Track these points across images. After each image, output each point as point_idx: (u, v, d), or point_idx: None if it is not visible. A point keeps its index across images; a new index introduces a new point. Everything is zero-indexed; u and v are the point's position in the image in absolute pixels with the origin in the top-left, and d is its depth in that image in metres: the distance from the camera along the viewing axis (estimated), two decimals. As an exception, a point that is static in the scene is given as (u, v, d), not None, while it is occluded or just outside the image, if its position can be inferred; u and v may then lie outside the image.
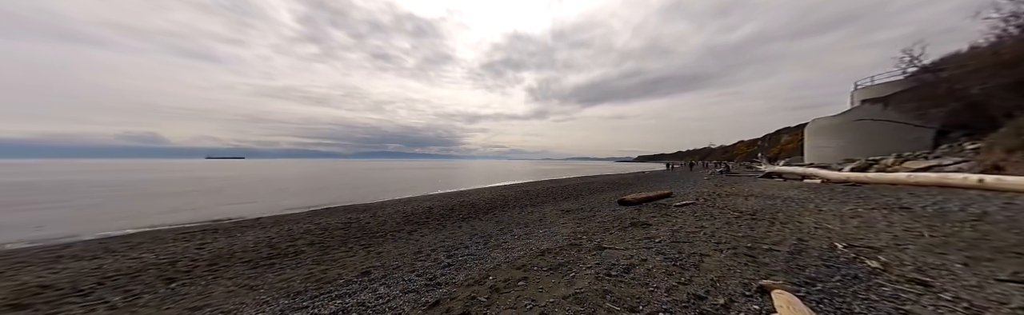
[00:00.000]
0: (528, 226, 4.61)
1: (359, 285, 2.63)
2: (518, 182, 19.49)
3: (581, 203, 7.11)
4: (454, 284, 2.32)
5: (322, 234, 5.32)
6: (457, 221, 5.96)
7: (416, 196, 11.98)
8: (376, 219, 6.53)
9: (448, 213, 6.93)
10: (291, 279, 3.08)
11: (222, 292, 2.92)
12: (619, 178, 17.81)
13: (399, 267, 3.06)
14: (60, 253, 4.77)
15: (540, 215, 5.66)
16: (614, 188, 11.22)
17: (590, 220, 4.61)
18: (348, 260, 3.67)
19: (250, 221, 7.34)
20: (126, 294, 3.02)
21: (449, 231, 4.97)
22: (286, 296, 2.56)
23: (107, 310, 2.66)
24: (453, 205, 8.11)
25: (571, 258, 2.71)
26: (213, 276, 3.42)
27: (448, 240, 4.18)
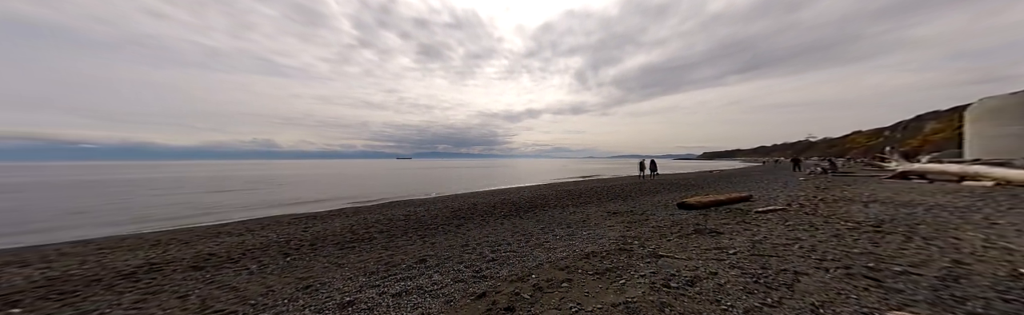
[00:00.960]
0: (570, 227, 4.47)
1: (417, 271, 2.93)
2: (559, 181, 18.96)
3: (630, 205, 6.57)
4: (498, 278, 2.42)
5: (388, 224, 6.03)
6: (499, 218, 6.08)
7: (461, 193, 12.64)
8: (429, 213, 7.08)
9: (491, 210, 7.10)
10: (366, 261, 3.61)
11: (320, 266, 3.58)
12: (677, 178, 15.61)
13: (449, 258, 3.30)
14: (220, 230, 6.27)
15: (583, 216, 5.40)
16: (671, 189, 9.97)
17: (642, 224, 4.30)
18: (408, 248, 4.10)
19: (337, 211, 8.63)
20: (260, 263, 3.88)
21: (492, 227, 5.12)
22: (364, 274, 3.05)
23: (248, 275, 3.46)
24: (495, 202, 8.28)
25: (620, 264, 2.56)
26: (313, 254, 4.19)
27: (491, 236, 4.33)
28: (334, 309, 2.19)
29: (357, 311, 2.11)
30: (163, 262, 4.13)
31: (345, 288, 2.66)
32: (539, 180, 21.12)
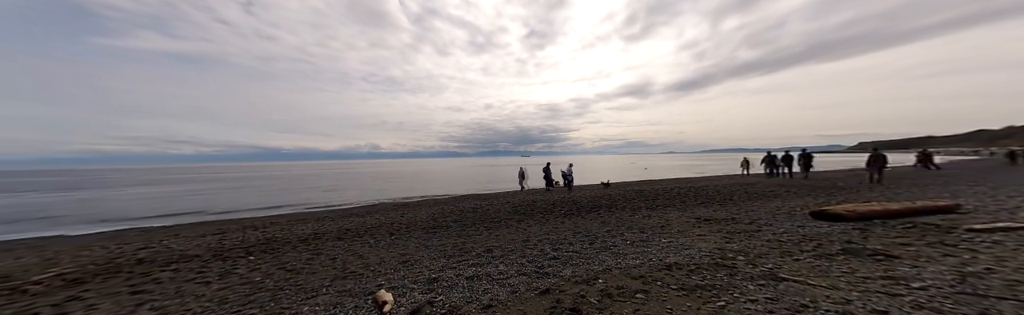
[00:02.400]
0: (644, 232, 3.94)
1: (485, 259, 3.24)
2: (627, 180, 16.77)
3: (730, 211, 5.16)
4: (561, 278, 2.36)
5: (460, 215, 6.72)
6: (559, 217, 5.91)
7: (519, 190, 12.82)
8: (492, 207, 7.49)
9: (550, 208, 6.97)
10: (445, 245, 4.18)
11: (413, 246, 4.31)
12: (814, 178, 10.88)
13: (513, 251, 3.46)
14: (350, 212, 8.03)
15: (661, 221, 4.65)
16: (798, 193, 7.16)
17: (751, 236, 3.32)
18: (477, 237, 4.51)
19: (421, 201, 10.01)
20: (375, 239, 4.89)
21: (552, 225, 5.06)
22: (444, 256, 3.56)
23: (368, 247, 4.42)
24: (554, 201, 8.08)
25: (717, 282, 2.05)
26: (408, 235, 5.04)
27: (552, 234, 4.27)
28: (424, 282, 2.67)
29: (441, 287, 2.52)
30: (321, 233, 5.59)
31: (432, 266, 3.18)
32: (603, 179, 19.60)
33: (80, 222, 9.19)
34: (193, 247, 5.07)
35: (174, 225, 8.31)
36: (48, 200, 15.86)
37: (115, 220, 9.59)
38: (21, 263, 4.48)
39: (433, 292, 2.39)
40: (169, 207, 12.43)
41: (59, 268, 4.01)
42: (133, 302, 2.79)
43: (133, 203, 14.18)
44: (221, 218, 9.14)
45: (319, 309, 2.31)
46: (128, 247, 5.33)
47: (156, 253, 4.75)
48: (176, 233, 6.68)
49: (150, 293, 3.02)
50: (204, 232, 6.56)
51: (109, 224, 8.80)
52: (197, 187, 22.56)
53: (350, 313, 2.19)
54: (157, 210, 11.62)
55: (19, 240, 6.99)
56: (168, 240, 5.85)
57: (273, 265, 3.75)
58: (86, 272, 3.81)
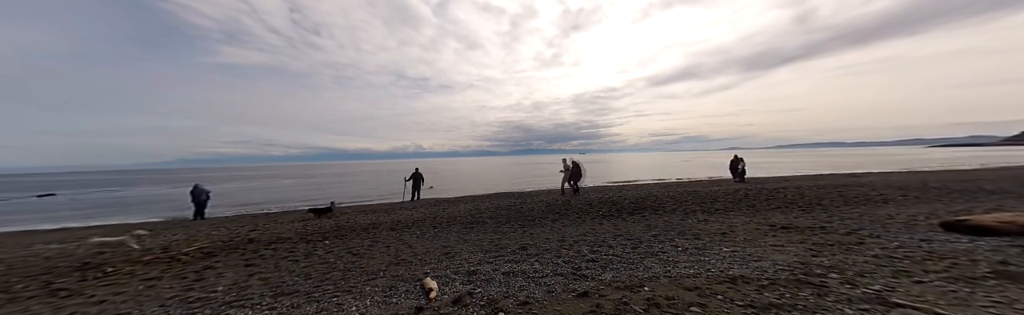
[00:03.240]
0: (700, 238, 3.50)
1: (520, 256, 3.26)
2: (679, 180, 14.71)
3: (818, 218, 4.34)
4: (600, 281, 2.22)
5: (495, 212, 6.88)
6: (597, 218, 5.57)
7: (553, 188, 12.53)
8: (526, 205, 7.46)
9: (586, 208, 6.62)
10: (482, 240, 4.32)
11: (454, 239, 4.55)
12: (947, 178, 8.62)
13: (548, 250, 3.40)
14: (401, 206, 8.75)
15: (723, 226, 4.08)
16: (922, 197, 5.85)
17: (849, 249, 2.73)
18: (512, 235, 4.57)
19: (458, 198, 10.47)
20: (421, 231, 5.29)
21: (589, 226, 4.82)
22: (480, 251, 3.69)
23: (416, 238, 4.79)
24: (590, 200, 7.66)
25: (800, 302, 1.68)
26: (449, 229, 5.34)
27: (589, 235, 4.08)
28: (464, 274, 2.80)
29: (479, 280, 2.62)
30: (378, 223, 6.22)
31: (470, 259, 3.32)
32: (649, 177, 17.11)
33: (214, 208, 11.61)
34: (286, 231, 6.04)
35: (273, 212, 9.98)
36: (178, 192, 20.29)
37: (237, 206, 11.88)
38: (175, 238, 5.82)
39: (472, 284, 2.50)
40: (271, 197, 14.98)
41: (199, 243, 5.12)
42: (246, 273, 3.44)
43: (248, 194, 17.38)
44: (305, 207, 10.70)
45: (378, 290, 2.58)
46: (242, 229, 6.56)
47: (261, 234, 5.76)
48: (274, 219, 8.02)
49: (257, 266, 3.69)
50: (293, 219, 7.77)
51: (233, 209, 10.94)
52: (290, 182, 26.75)
53: (402, 296, 2.40)
54: (263, 200, 14.08)
55: (176, 220, 9.05)
56: (269, 225, 7.06)
57: (342, 249, 4.29)
58: (216, 247, 4.80)
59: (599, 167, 31.46)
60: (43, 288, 3.17)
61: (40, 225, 9.17)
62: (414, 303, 2.24)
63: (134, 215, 10.74)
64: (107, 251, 4.80)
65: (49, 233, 7.43)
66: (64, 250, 5.05)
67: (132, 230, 5.30)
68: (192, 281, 3.22)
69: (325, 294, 2.59)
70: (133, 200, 16.14)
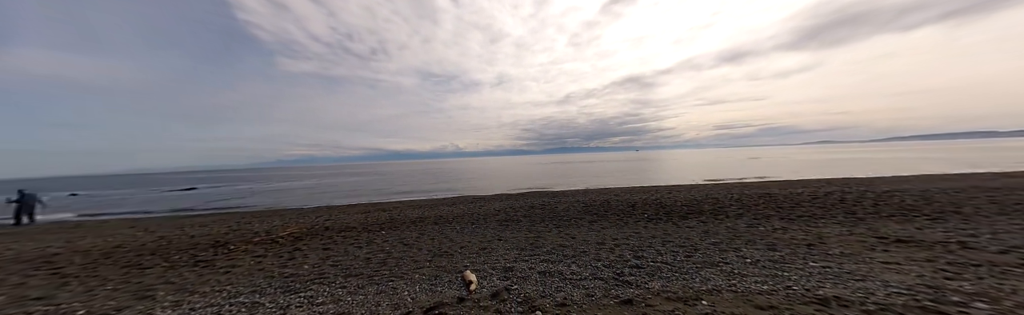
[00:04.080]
0: (776, 249, 2.97)
1: (556, 256, 3.21)
2: (743, 181, 12.28)
3: (954, 230, 3.40)
4: (647, 290, 2.04)
5: (529, 211, 6.87)
6: (641, 221, 5.06)
7: (590, 188, 11.93)
8: (561, 205, 7.26)
9: (629, 210, 6.12)
10: (518, 239, 4.36)
11: (490, 235, 4.67)
12: None
13: (585, 252, 3.27)
14: (439, 202, 9.30)
15: (809, 237, 3.42)
16: None
17: (1007, 272, 2.07)
18: (547, 234, 4.50)
19: (492, 196, 10.68)
20: (461, 226, 5.57)
21: (631, 229, 4.47)
22: (516, 249, 3.72)
23: (456, 232, 5.05)
24: (634, 201, 7.03)
25: None
26: (485, 225, 5.51)
27: (632, 239, 3.80)
28: (501, 270, 2.85)
29: (515, 277, 2.65)
30: (424, 217, 6.71)
31: (507, 256, 3.37)
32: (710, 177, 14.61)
33: (300, 200, 13.74)
34: (351, 221, 6.87)
35: (342, 205, 11.44)
36: (286, 186, 24.13)
37: (318, 198, 13.91)
38: (274, 224, 7.03)
39: (509, 280, 2.53)
40: (343, 192, 17.21)
41: (290, 229, 6.11)
42: (323, 256, 4.00)
43: (326, 189, 20.23)
44: (366, 201, 12.06)
45: (425, 278, 2.77)
46: (320, 218, 7.64)
47: (334, 224, 6.65)
48: (343, 211, 9.19)
49: (332, 250, 4.27)
50: (357, 211, 8.80)
51: (314, 202, 12.84)
52: (359, 179, 30.38)
53: (445, 285, 2.54)
54: (337, 194, 16.22)
55: (276, 210, 10.95)
56: (339, 215, 8.10)
57: (396, 239, 4.72)
58: (302, 233, 5.67)
59: (642, 166, 29.02)
60: (190, 259, 4.13)
61: (188, 211, 11.94)
62: (456, 293, 2.35)
63: (248, 205, 13.30)
64: (231, 232, 6.04)
65: (194, 217, 9.62)
66: (204, 231, 6.50)
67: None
68: (286, 260, 3.87)
69: (383, 278, 2.89)
70: (247, 193, 19.99)
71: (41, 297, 2.81)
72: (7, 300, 2.75)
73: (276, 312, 2.27)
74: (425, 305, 2.17)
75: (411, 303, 2.25)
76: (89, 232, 6.80)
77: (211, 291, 2.81)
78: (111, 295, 2.81)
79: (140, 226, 7.47)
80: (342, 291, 2.62)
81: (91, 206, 14.65)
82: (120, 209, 13.00)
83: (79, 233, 6.76)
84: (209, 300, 2.59)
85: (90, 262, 4.05)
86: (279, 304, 2.42)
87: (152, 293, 2.84)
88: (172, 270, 3.62)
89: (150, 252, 4.55)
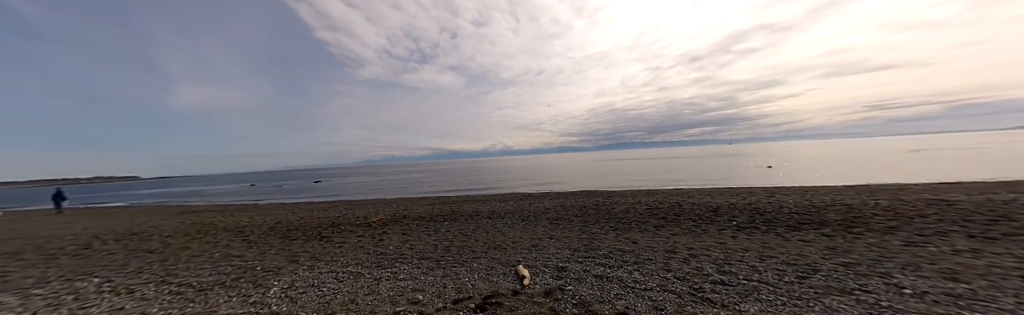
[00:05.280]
0: (961, 279, 2.11)
1: (614, 261, 2.97)
2: (897, 183, 8.81)
3: None
4: (739, 313, 1.72)
5: (581, 210, 6.57)
6: (727, 228, 4.23)
7: (656, 188, 10.54)
8: (618, 206, 6.72)
9: (709, 215, 5.13)
10: (570, 238, 4.23)
11: (540, 233, 4.68)
12: None
13: (651, 260, 2.93)
14: (491, 197, 9.78)
15: (1010, 263, 2.42)
16: None
17: None
18: (603, 237, 4.22)
19: (541, 194, 10.59)
20: (512, 221, 5.70)
21: (713, 238, 3.76)
22: (568, 249, 3.62)
23: (507, 227, 5.22)
24: (716, 206, 5.92)
25: None
26: (535, 223, 5.56)
27: (715, 250, 3.18)
28: (553, 269, 2.82)
29: (569, 278, 2.58)
30: (479, 212, 7.20)
31: (559, 255, 3.32)
32: (837, 177, 11.15)
33: (383, 192, 16.57)
34: (421, 212, 7.89)
35: (414, 197, 13.26)
36: (373, 181, 29.41)
37: (396, 191, 16.55)
38: (368, 211, 8.65)
39: (562, 279, 2.49)
40: (413, 186, 19.98)
41: (380, 216, 7.42)
42: (403, 239, 4.72)
43: (400, 184, 23.84)
44: (431, 195, 13.68)
45: (482, 267, 2.97)
46: (399, 208, 9.03)
47: (409, 213, 7.77)
48: (415, 202, 10.65)
49: (409, 235, 5.00)
50: (425, 203, 10.07)
51: (394, 194, 15.30)
52: (423, 175, 34.88)
53: (500, 277, 2.66)
54: (409, 188, 18.93)
55: (368, 200, 13.47)
56: (412, 206, 9.42)
57: (456, 230, 5.20)
58: (388, 219, 6.82)
59: (729, 163, 23.69)
60: (317, 235, 5.46)
61: (315, 198, 15.81)
62: (511, 286, 2.45)
63: (349, 195, 16.79)
64: (341, 216, 7.75)
65: (319, 203, 12.70)
66: (326, 214, 8.52)
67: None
68: (377, 240, 4.73)
69: (448, 263, 3.23)
70: (350, 185, 25.22)
71: (239, 255, 4.19)
72: (221, 256, 4.21)
73: (372, 282, 2.81)
74: (483, 293, 2.34)
75: (471, 289, 2.46)
76: (260, 212, 9.75)
77: (330, 260, 3.68)
78: (274, 257, 3.98)
79: (288, 209, 10.31)
80: (417, 271, 3.06)
81: (262, 193, 21.03)
82: (277, 196, 18.27)
83: (256, 212, 9.77)
84: (329, 267, 3.39)
85: (263, 233, 5.82)
86: (374, 276, 2.99)
87: (297, 258, 3.90)
88: (307, 242, 4.88)
89: (295, 228, 6.25)
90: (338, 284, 2.80)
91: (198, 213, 9.91)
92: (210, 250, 4.55)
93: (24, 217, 10.98)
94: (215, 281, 3.05)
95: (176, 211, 11.04)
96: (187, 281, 3.08)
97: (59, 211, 12.04)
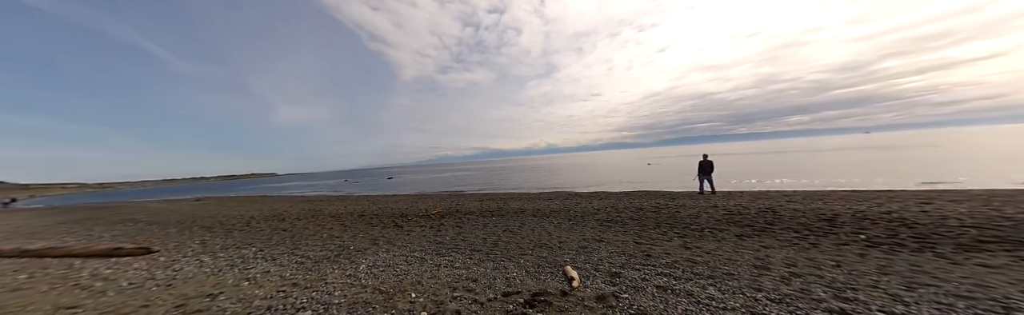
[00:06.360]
0: None
1: (682, 272, 2.60)
2: None
3: None
4: None
5: (637, 213, 5.99)
6: (849, 243, 3.26)
7: (735, 190, 8.71)
8: (685, 210, 5.88)
9: (821, 225, 4.01)
10: (623, 243, 3.91)
11: (589, 235, 4.47)
12: None
13: (733, 275, 2.45)
14: (536, 196, 9.73)
15: None
16: None
17: None
18: (664, 243, 3.76)
19: (592, 193, 9.99)
20: (558, 221, 5.65)
21: (825, 255, 2.92)
22: (621, 254, 3.36)
23: (553, 227, 5.14)
24: (831, 213, 4.66)
25: None
26: (584, 224, 5.33)
27: (829, 270, 2.48)
28: (605, 274, 2.66)
29: (624, 285, 2.39)
30: (524, 209, 7.31)
31: (611, 260, 3.11)
32: None
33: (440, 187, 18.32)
34: (472, 207, 8.46)
35: (465, 193, 14.31)
36: (431, 178, 32.81)
37: (449, 187, 18.15)
38: (428, 204, 9.71)
39: (617, 286, 2.32)
40: (463, 183, 21.56)
41: (437, 209, 8.26)
42: (456, 231, 5.15)
43: (453, 181, 25.99)
44: (479, 191, 14.50)
45: (529, 264, 3.00)
46: (452, 203, 9.86)
47: (461, 208, 8.41)
48: (466, 198, 11.47)
49: (461, 228, 5.43)
50: (474, 199, 10.74)
51: (447, 189, 16.81)
52: (472, 173, 37.28)
53: (547, 275, 2.64)
54: (460, 185, 20.50)
55: (428, 194, 15.11)
56: (463, 202, 10.18)
57: (503, 226, 5.40)
58: (444, 213, 7.54)
59: (866, 158, 17.88)
60: (392, 223, 6.41)
61: (388, 192, 18.57)
62: (558, 285, 2.41)
63: (413, 190, 19.17)
64: (408, 207, 8.94)
65: (392, 196, 14.88)
66: (397, 206, 9.94)
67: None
68: (436, 231, 5.29)
69: (497, 257, 3.38)
70: (414, 182, 28.80)
71: (338, 236, 5.25)
72: (327, 236, 5.34)
73: (433, 267, 3.17)
74: (532, 289, 2.37)
75: (519, 284, 2.52)
76: (350, 202, 11.99)
77: (401, 245, 4.29)
78: (361, 240, 4.86)
79: (370, 200, 12.40)
80: (470, 261, 3.30)
81: (351, 187, 25.82)
82: (362, 189, 22.17)
83: (348, 202, 12.06)
84: (400, 251, 3.96)
85: (354, 219, 7.16)
86: (434, 262, 3.36)
87: (377, 241, 4.67)
88: (384, 228, 5.79)
89: (375, 216, 7.49)
90: (407, 266, 3.25)
91: (311, 202, 12.83)
92: (320, 231, 5.86)
93: (218, 202, 16.12)
94: (323, 256, 3.91)
95: (298, 200, 14.53)
96: (306, 254, 4.04)
97: (198, 199, 17.80)
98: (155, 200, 20.51)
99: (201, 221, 8.06)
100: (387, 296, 2.41)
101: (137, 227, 7.58)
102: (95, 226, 8.04)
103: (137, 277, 3.26)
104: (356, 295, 2.46)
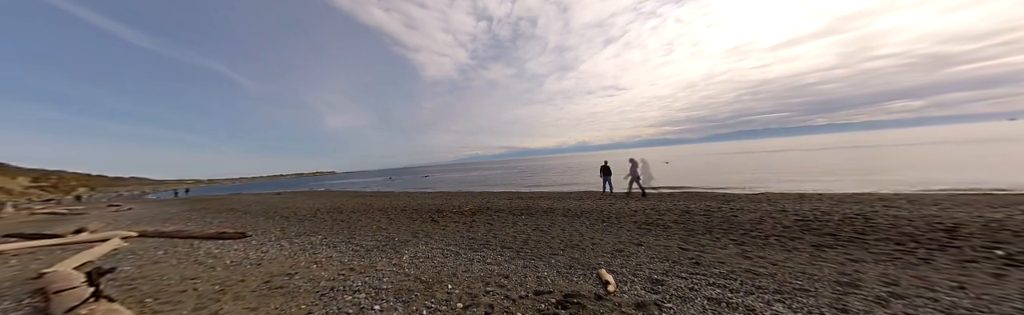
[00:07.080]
0: None
1: (738, 284, 2.31)
2: None
3: None
4: None
5: (682, 216, 5.45)
6: (973, 260, 2.65)
7: (809, 192, 7.38)
8: (744, 215, 5.17)
9: (940, 237, 3.27)
10: (667, 248, 3.58)
11: (625, 238, 4.19)
12: None
13: (808, 291, 2.10)
14: (566, 196, 9.44)
15: None
16: None
17: None
18: (719, 251, 3.35)
19: (624, 194, 9.32)
20: (590, 222, 5.43)
21: (943, 274, 2.35)
22: (664, 260, 3.07)
23: (586, 228, 4.96)
24: (952, 222, 3.79)
25: None
26: (619, 226, 5.03)
27: (946, 292, 2.01)
28: (645, 280, 2.46)
29: (669, 294, 2.19)
30: (553, 208, 7.17)
31: (652, 266, 2.87)
32: None
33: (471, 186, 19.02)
34: (502, 205, 8.60)
35: (495, 192, 14.61)
36: (464, 176, 34.25)
37: (480, 186, 18.77)
38: (461, 201, 10.16)
39: (659, 294, 2.14)
40: (494, 181, 22.09)
41: (470, 206, 8.60)
42: (487, 228, 5.29)
43: (484, 179, 26.80)
44: (509, 190, 14.66)
45: (560, 265, 2.93)
46: (483, 201, 10.15)
47: (492, 205, 8.61)
48: (496, 196, 11.71)
49: (492, 225, 5.56)
50: (504, 197, 10.90)
51: (478, 188, 17.38)
52: (501, 172, 37.96)
53: (580, 278, 2.55)
54: (490, 183, 21.02)
55: (460, 192, 15.83)
56: (494, 200, 10.40)
57: (533, 225, 5.38)
58: (476, 210, 7.81)
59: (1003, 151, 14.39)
60: (428, 218, 6.86)
61: (425, 189, 19.92)
62: (593, 289, 2.30)
63: (447, 188, 20.27)
64: (443, 204, 9.50)
65: (429, 193, 15.95)
66: (433, 202, 10.63)
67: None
68: (468, 227, 5.50)
69: (527, 255, 3.38)
70: (448, 180, 30.43)
71: (385, 228, 5.82)
72: (376, 227, 5.93)
73: (467, 261, 3.30)
74: (564, 291, 2.31)
75: (551, 284, 2.48)
76: (394, 198, 13.16)
77: (438, 239, 4.57)
78: (404, 232, 5.30)
79: (410, 196, 13.46)
80: (501, 257, 3.36)
81: (395, 185, 28.36)
82: (403, 186, 24.19)
83: (393, 198, 13.25)
84: (437, 244, 4.21)
85: (397, 213, 7.86)
86: (468, 257, 3.50)
87: (417, 234, 5.05)
88: (423, 223, 6.24)
89: (414, 211, 8.10)
90: (444, 259, 3.45)
91: (363, 197, 14.44)
92: (370, 223, 6.56)
93: (292, 196, 19.15)
94: (374, 245, 4.37)
95: (352, 195, 16.48)
96: (360, 243, 4.56)
97: (278, 193, 21.21)
98: (247, 194, 25.28)
99: (280, 212, 9.68)
100: (427, 285, 2.59)
101: (235, 215, 9.43)
102: (207, 214, 10.21)
103: (236, 256, 4.02)
104: (401, 282, 2.70)
